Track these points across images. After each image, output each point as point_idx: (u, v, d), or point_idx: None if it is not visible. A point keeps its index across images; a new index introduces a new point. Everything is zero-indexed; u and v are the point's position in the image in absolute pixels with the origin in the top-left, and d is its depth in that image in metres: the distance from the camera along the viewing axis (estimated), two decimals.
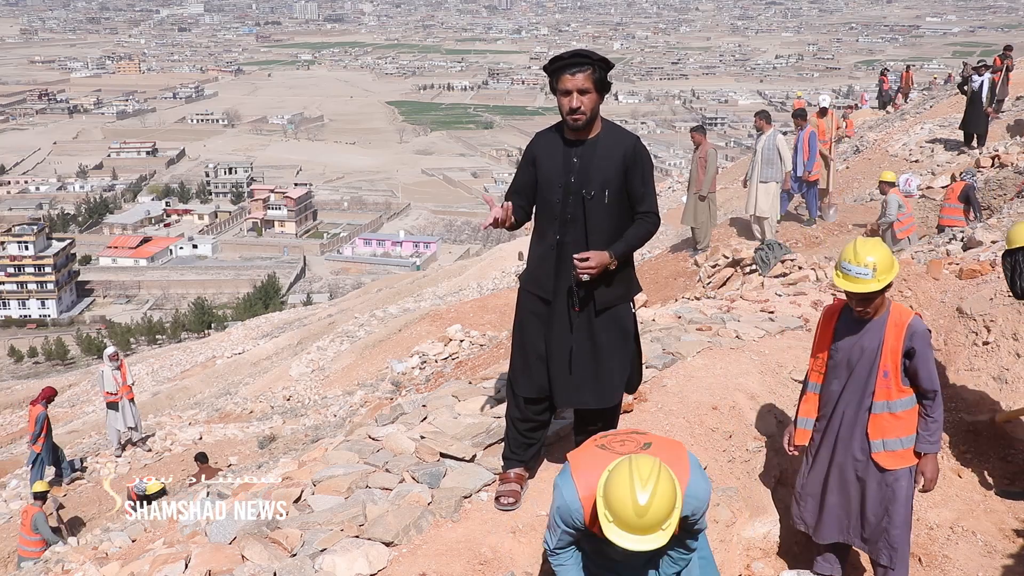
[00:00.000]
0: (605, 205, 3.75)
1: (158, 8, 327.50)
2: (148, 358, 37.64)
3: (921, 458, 3.91)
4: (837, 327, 3.99)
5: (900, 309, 3.89)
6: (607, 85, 3.70)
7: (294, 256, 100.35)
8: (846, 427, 3.98)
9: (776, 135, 12.49)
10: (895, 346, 3.81)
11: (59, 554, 6.27)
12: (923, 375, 3.81)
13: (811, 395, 4.13)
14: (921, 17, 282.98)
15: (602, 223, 3.76)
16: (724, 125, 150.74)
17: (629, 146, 3.75)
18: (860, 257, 3.69)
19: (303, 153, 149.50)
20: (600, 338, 3.89)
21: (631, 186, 3.76)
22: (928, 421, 3.87)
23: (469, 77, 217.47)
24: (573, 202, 3.77)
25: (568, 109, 3.65)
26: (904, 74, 30.37)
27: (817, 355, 4.08)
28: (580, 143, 3.78)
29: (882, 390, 3.86)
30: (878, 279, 3.68)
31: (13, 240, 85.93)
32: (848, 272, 3.72)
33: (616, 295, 3.87)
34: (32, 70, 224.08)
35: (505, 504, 4.03)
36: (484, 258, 41.52)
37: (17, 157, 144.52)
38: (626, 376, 4.02)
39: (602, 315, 3.87)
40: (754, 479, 4.82)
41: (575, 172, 3.77)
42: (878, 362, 3.84)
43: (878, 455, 3.91)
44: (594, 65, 3.62)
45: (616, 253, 3.71)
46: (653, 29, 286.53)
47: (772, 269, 9.95)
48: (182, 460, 13.90)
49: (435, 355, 14.76)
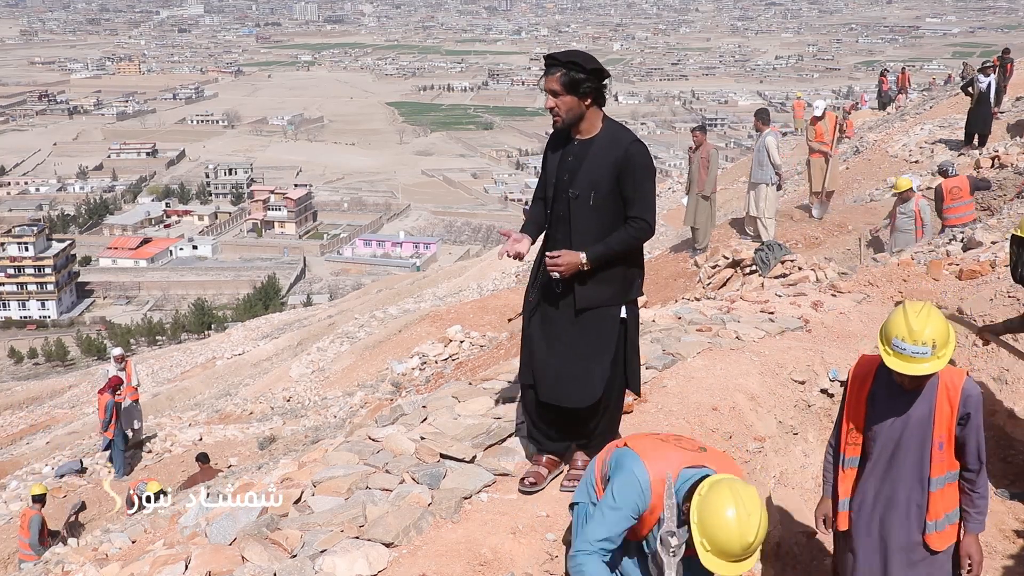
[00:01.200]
0: (590, 206, 3.75)
1: (158, 9, 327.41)
2: (148, 359, 37.63)
3: (965, 537, 3.49)
4: (874, 392, 3.49)
5: (949, 369, 3.38)
6: (578, 86, 3.68)
7: (294, 257, 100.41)
8: (900, 508, 3.49)
9: (767, 136, 12.57)
10: (948, 414, 3.34)
11: (59, 555, 6.27)
12: (972, 447, 3.38)
13: (849, 472, 3.62)
14: (921, 18, 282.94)
15: (587, 224, 3.76)
16: (724, 126, 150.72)
17: (622, 149, 3.73)
18: (916, 335, 3.18)
19: (303, 154, 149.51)
20: (580, 337, 3.87)
21: (623, 190, 3.74)
22: (975, 497, 3.44)
23: (469, 78, 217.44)
24: (562, 201, 3.83)
25: (546, 108, 3.77)
26: (900, 76, 30.47)
27: (850, 425, 3.58)
28: (579, 143, 3.81)
29: (939, 464, 3.40)
30: (938, 356, 3.20)
31: (13, 241, 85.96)
32: (903, 352, 3.22)
33: (601, 296, 3.83)
34: (32, 71, 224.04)
35: (526, 485, 4.08)
36: (484, 259, 41.51)
37: (17, 158, 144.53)
38: (602, 382, 3.90)
39: (585, 314, 3.85)
40: (754, 480, 4.82)
41: (567, 171, 3.81)
42: (931, 433, 3.37)
43: (930, 537, 3.46)
44: (563, 67, 3.67)
45: (591, 255, 3.70)
46: (653, 30, 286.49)
47: (772, 270, 9.95)
48: (182, 461, 13.90)
49: (435, 356, 14.74)
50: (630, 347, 4.04)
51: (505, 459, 4.40)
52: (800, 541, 4.72)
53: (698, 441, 3.20)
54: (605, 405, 4.02)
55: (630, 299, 3.96)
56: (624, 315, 3.94)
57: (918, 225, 11.34)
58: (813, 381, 5.58)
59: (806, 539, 4.76)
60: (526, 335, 4.10)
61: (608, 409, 4.07)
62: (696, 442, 3.17)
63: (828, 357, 5.78)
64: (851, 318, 6.53)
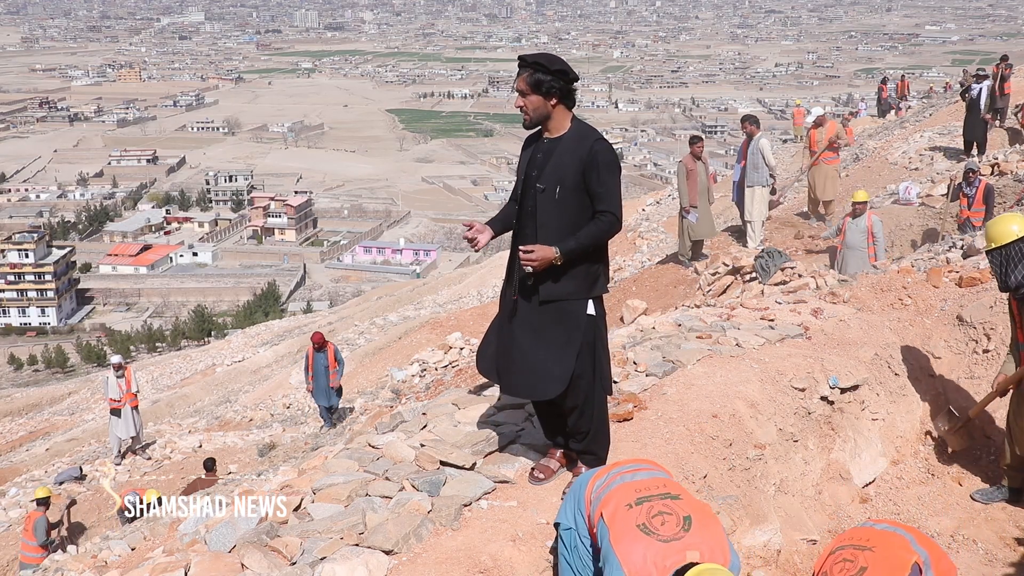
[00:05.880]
0: (555, 201, 3.87)
1: (159, 16, 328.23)
2: (148, 366, 37.63)
3: None
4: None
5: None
6: (542, 85, 3.84)
7: (294, 264, 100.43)
8: None
9: (761, 139, 12.62)
10: None
11: (58, 562, 6.27)
12: None
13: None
14: (920, 26, 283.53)
15: (551, 218, 3.88)
16: (724, 133, 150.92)
17: (587, 146, 3.86)
18: None
19: (303, 161, 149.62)
20: (540, 330, 3.94)
21: (588, 185, 3.86)
22: None
23: (469, 85, 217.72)
24: (531, 196, 3.96)
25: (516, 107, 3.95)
26: (899, 83, 30.58)
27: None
28: (549, 141, 3.97)
29: None
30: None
31: (13, 248, 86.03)
32: None
33: (565, 290, 3.90)
34: (33, 78, 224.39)
35: (536, 476, 4.25)
36: (484, 266, 41.51)
37: (18, 165, 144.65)
38: (565, 375, 3.92)
39: (547, 307, 3.92)
40: (754, 487, 4.81)
41: (536, 167, 3.96)
42: None
43: None
44: (530, 68, 3.84)
45: (563, 249, 3.78)
46: (653, 37, 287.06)
47: (772, 277, 9.95)
48: (181, 468, 13.89)
49: (435, 363, 14.74)
50: (600, 345, 4.07)
51: (505, 466, 4.39)
52: (801, 548, 4.72)
53: (679, 504, 3.14)
54: (587, 404, 4.03)
55: (596, 295, 4.01)
56: (592, 311, 3.99)
57: (870, 241, 11.22)
58: (813, 388, 5.57)
59: (807, 546, 4.75)
60: (491, 328, 4.23)
61: (591, 408, 4.06)
62: (679, 506, 3.12)
63: (828, 364, 5.78)
64: (851, 325, 6.52)
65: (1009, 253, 4.86)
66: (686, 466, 4.50)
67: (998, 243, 4.90)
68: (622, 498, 3.19)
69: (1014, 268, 4.86)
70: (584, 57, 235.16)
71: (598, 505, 3.24)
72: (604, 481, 3.34)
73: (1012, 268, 4.86)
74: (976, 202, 11.94)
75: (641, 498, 3.17)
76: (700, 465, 4.54)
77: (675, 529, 3.04)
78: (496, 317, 4.21)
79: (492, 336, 4.22)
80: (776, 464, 4.97)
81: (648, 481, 3.30)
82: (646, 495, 3.18)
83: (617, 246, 21.47)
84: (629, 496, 3.19)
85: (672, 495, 3.20)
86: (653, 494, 3.20)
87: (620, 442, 4.56)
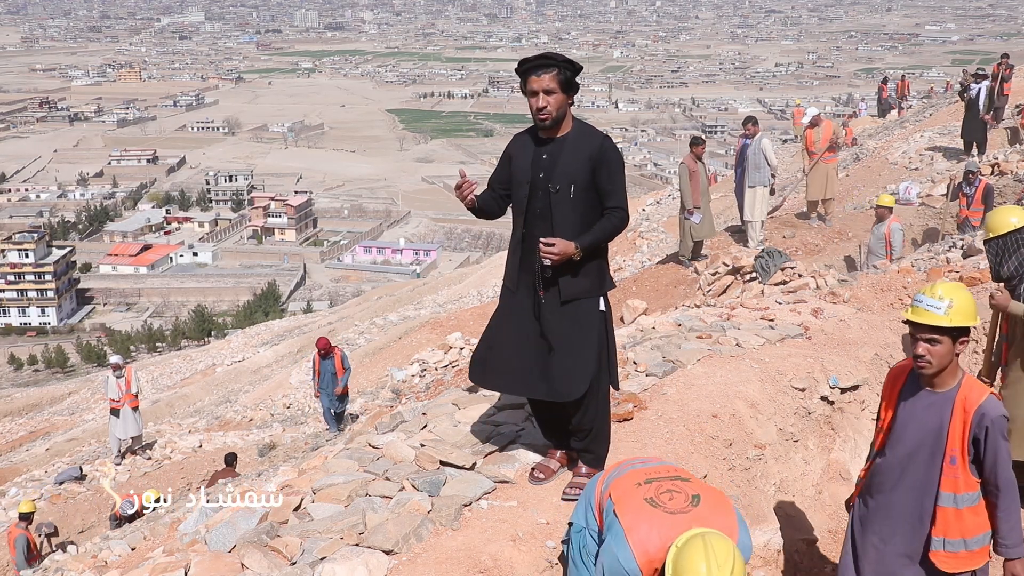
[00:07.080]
0: (570, 200, 3.87)
1: (159, 16, 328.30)
2: (148, 366, 37.63)
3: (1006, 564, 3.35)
4: (902, 392, 3.48)
5: (973, 384, 3.33)
6: (574, 85, 3.85)
7: (294, 264, 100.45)
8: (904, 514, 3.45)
9: (762, 139, 12.65)
10: (961, 429, 3.27)
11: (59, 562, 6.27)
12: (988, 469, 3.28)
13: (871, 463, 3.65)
14: (920, 25, 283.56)
15: (568, 217, 3.87)
16: (724, 133, 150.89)
17: (596, 144, 3.87)
18: (936, 292, 3.26)
19: (303, 161, 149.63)
20: (561, 329, 3.93)
21: (598, 183, 3.87)
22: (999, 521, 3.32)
23: (469, 85, 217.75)
24: (541, 197, 3.92)
25: (535, 109, 3.83)
26: (899, 83, 30.59)
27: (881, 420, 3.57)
28: (550, 141, 3.94)
29: (950, 479, 3.32)
30: (950, 317, 3.21)
31: (13, 248, 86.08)
32: (919, 304, 3.27)
33: (582, 288, 3.91)
34: (33, 78, 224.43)
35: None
36: (484, 266, 41.53)
37: (18, 165, 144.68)
38: (588, 375, 3.93)
39: (566, 306, 3.92)
40: (754, 487, 4.82)
41: (543, 169, 3.92)
42: (944, 445, 3.30)
43: (936, 555, 3.37)
44: (559, 66, 3.79)
45: (583, 244, 3.79)
46: (653, 37, 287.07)
47: (772, 277, 9.96)
48: (181, 468, 13.90)
49: (435, 363, 14.75)
50: (610, 341, 4.09)
51: (505, 466, 4.39)
52: (801, 548, 4.72)
53: (691, 483, 3.14)
54: (591, 401, 4.02)
55: (606, 291, 4.03)
56: (603, 307, 4.01)
57: (888, 250, 11.25)
58: (813, 388, 5.58)
59: (807, 546, 4.75)
60: (490, 333, 4.14)
61: (595, 405, 4.05)
62: (688, 486, 3.11)
63: (828, 364, 5.78)
64: (851, 325, 6.52)
65: (1005, 243, 4.93)
66: (686, 466, 4.49)
67: (996, 233, 4.97)
68: (631, 479, 3.21)
69: (1008, 258, 4.92)
70: (584, 57, 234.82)
71: (607, 489, 3.25)
72: (615, 472, 3.34)
73: (1006, 258, 4.93)
74: (975, 202, 11.93)
75: (651, 478, 3.18)
76: (700, 465, 4.54)
77: (683, 504, 3.04)
78: (498, 323, 4.12)
79: (495, 342, 4.11)
80: (776, 464, 4.97)
81: (659, 467, 3.31)
82: (655, 476, 3.20)
83: (617, 246, 21.45)
84: (639, 477, 3.20)
85: (683, 478, 3.20)
86: (663, 476, 3.20)
87: (620, 442, 4.56)
